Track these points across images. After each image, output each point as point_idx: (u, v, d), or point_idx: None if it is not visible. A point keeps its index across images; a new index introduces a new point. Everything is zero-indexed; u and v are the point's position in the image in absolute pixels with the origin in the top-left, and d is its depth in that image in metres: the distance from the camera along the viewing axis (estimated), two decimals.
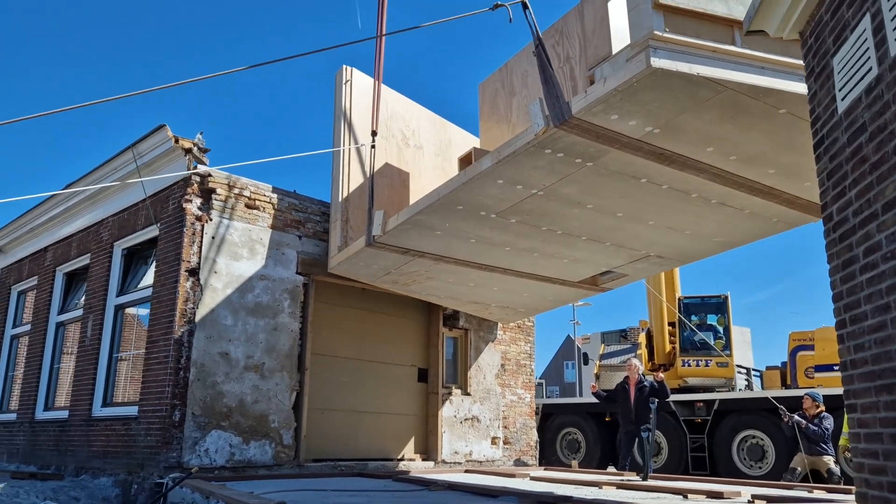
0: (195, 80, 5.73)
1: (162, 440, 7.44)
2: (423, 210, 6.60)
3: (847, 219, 3.59)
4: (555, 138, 5.19)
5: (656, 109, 4.80)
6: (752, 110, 4.83)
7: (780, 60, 4.65)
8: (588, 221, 6.68)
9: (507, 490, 6.25)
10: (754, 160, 5.47)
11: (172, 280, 7.89)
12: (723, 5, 4.61)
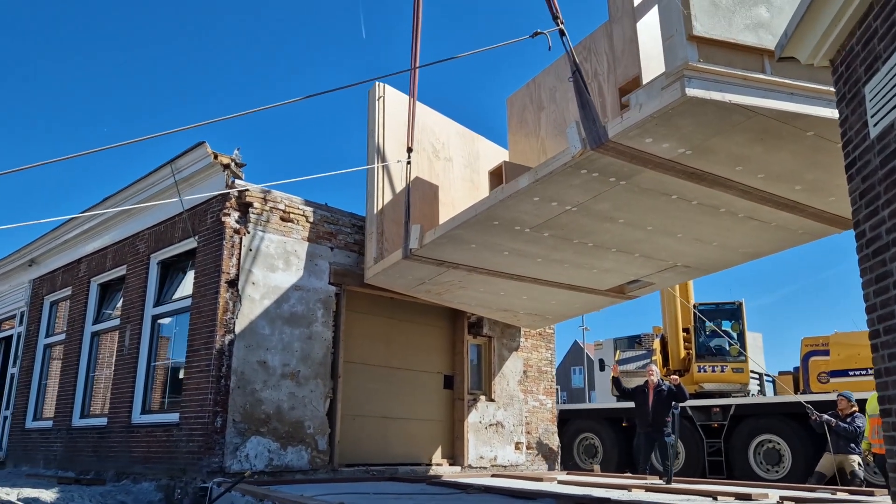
0: (239, 115, 6.01)
1: (204, 446, 7.71)
2: (459, 225, 6.88)
3: (880, 236, 3.85)
4: (591, 160, 5.46)
5: (689, 133, 5.07)
6: (781, 133, 5.09)
7: (807, 87, 4.90)
8: (618, 234, 6.95)
9: (543, 493, 6.50)
10: (781, 177, 5.74)
11: (212, 291, 8.17)
12: (753, 35, 4.87)
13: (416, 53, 7.82)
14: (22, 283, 13.08)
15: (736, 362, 14.71)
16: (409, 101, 8.28)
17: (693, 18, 4.63)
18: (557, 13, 5.92)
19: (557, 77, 7.50)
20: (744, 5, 4.87)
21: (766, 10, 4.93)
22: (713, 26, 4.69)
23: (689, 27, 4.64)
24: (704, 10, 4.68)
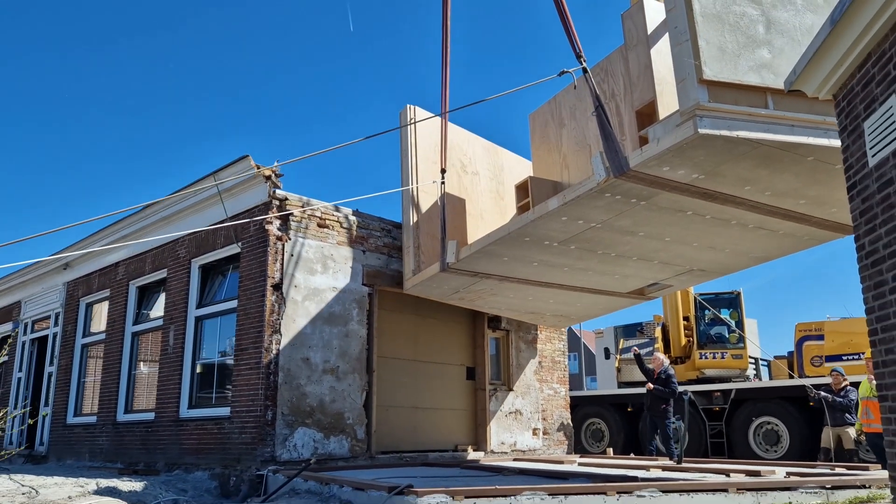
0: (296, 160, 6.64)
1: (257, 437, 8.39)
2: (494, 242, 7.61)
3: (878, 250, 4.55)
4: (614, 185, 6.15)
5: (701, 162, 5.74)
6: (784, 159, 5.77)
7: (806, 118, 5.55)
8: (638, 245, 7.65)
9: (574, 473, 7.22)
10: (786, 194, 6.43)
11: (259, 294, 8.82)
12: (756, 76, 5.50)
13: (447, 80, 8.49)
14: (55, 285, 13.64)
15: (735, 349, 15.50)
16: (441, 126, 8.94)
17: (703, 64, 5.24)
18: (580, 52, 6.57)
19: (577, 96, 8.16)
20: (748, 48, 5.49)
21: (767, 52, 5.56)
22: (721, 70, 5.31)
23: (699, 72, 5.25)
24: (713, 55, 5.30)
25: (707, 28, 5.30)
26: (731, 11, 5.46)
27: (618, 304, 10.32)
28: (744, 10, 5.51)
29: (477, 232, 9.34)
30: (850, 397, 10.27)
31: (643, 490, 5.61)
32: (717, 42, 5.34)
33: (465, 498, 5.18)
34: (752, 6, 5.55)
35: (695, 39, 5.23)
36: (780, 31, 5.65)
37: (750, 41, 5.52)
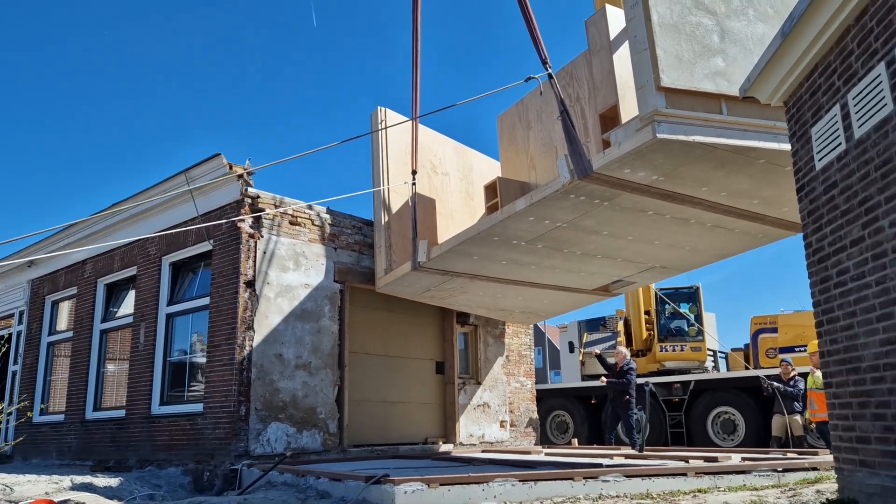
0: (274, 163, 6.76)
1: (231, 432, 8.50)
2: (463, 241, 7.84)
3: (823, 247, 4.91)
4: (578, 187, 6.44)
5: (660, 165, 6.05)
6: (737, 161, 6.10)
7: (758, 124, 5.89)
8: (603, 244, 7.96)
9: (541, 462, 7.51)
10: (741, 194, 6.79)
11: (231, 291, 8.91)
12: (711, 83, 5.79)
13: (417, 84, 8.68)
14: (19, 283, 13.49)
15: (694, 342, 16.03)
16: (412, 129, 9.13)
17: (661, 72, 5.53)
18: (546, 59, 6.84)
19: (543, 99, 8.42)
20: (703, 57, 5.79)
21: (722, 60, 5.88)
22: (678, 77, 5.60)
23: (657, 79, 5.54)
24: (670, 64, 5.59)
25: (665, 38, 5.59)
26: (688, 21, 5.77)
27: (584, 301, 10.65)
28: (699, 21, 5.82)
29: (447, 231, 9.56)
30: (798, 386, 10.85)
31: (608, 475, 5.91)
32: (674, 51, 5.63)
33: (441, 485, 5.41)
34: (707, 16, 5.87)
35: (653, 48, 5.52)
36: (733, 40, 5.97)
37: (705, 50, 5.83)
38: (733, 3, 6.01)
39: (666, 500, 5.44)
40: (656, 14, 5.58)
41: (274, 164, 7.45)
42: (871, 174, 4.21)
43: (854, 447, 4.63)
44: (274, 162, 7.08)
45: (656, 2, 5.59)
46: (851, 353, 4.57)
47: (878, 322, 4.21)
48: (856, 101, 4.36)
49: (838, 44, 4.56)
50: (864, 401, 4.44)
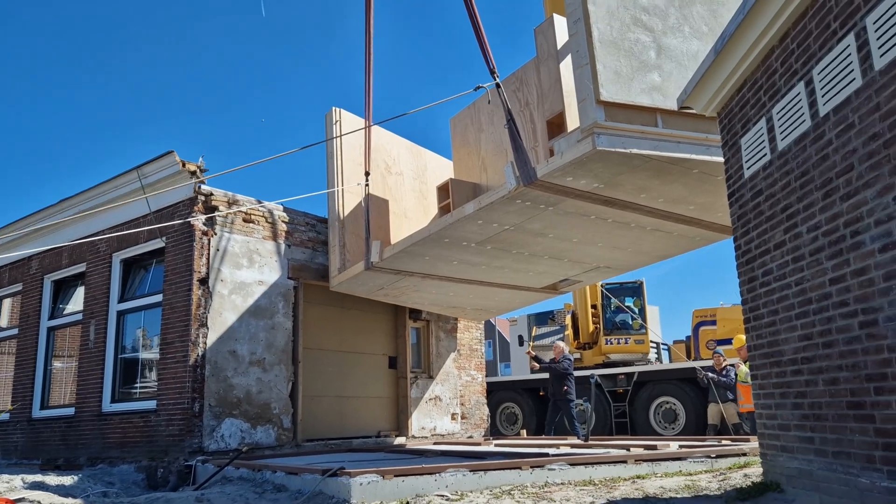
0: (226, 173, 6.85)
1: (185, 429, 8.56)
2: (415, 243, 8.07)
3: (751, 250, 5.30)
4: (524, 193, 6.73)
5: (600, 173, 6.36)
6: (673, 171, 6.46)
7: (691, 136, 6.23)
8: (549, 246, 8.28)
9: (491, 452, 7.80)
10: (678, 201, 7.18)
11: (185, 288, 8.95)
12: (648, 97, 6.11)
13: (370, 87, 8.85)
14: None
15: (638, 334, 16.60)
16: (366, 133, 9.29)
17: (600, 86, 5.82)
18: (494, 68, 7.11)
19: (495, 103, 8.71)
20: (641, 72, 6.10)
21: (658, 76, 6.21)
22: (616, 92, 5.89)
23: (597, 93, 5.83)
24: (609, 78, 5.88)
25: (604, 53, 5.89)
26: (627, 38, 6.08)
27: (534, 298, 11.00)
28: (637, 37, 6.15)
29: (401, 230, 9.77)
30: (730, 376, 11.49)
31: (553, 464, 6.23)
32: (614, 66, 5.94)
33: (395, 476, 5.63)
34: (645, 33, 6.20)
35: (593, 63, 5.81)
36: (669, 56, 6.32)
37: (643, 65, 6.15)
38: (670, 21, 6.35)
39: (607, 486, 5.78)
40: (597, 30, 5.88)
41: (232, 171, 7.54)
42: (792, 184, 4.59)
43: (776, 434, 5.03)
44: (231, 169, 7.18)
45: (597, 18, 5.88)
46: (774, 347, 4.96)
47: (796, 319, 4.61)
48: (779, 116, 4.74)
49: (764, 62, 4.93)
50: (784, 391, 4.84)
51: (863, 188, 3.79)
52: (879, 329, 3.70)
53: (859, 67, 3.79)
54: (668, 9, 6.30)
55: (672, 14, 6.32)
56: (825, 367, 4.27)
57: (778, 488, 4.97)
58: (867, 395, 3.84)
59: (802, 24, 4.37)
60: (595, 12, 5.91)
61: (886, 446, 3.68)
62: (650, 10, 6.21)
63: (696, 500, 4.95)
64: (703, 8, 6.52)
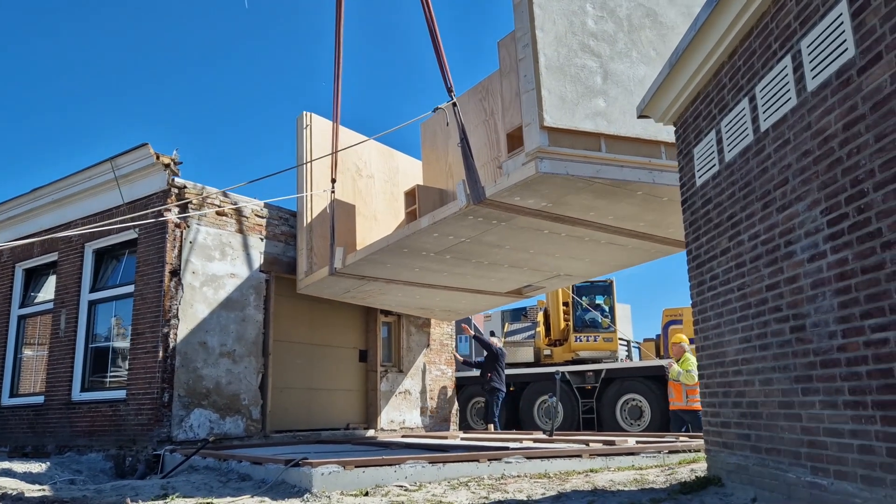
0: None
1: (154, 418, 8.68)
2: (376, 251, 8.28)
3: (700, 255, 5.54)
4: (475, 210, 6.93)
5: (547, 194, 6.54)
6: (618, 192, 6.63)
7: (633, 160, 6.38)
8: (507, 256, 8.49)
9: (454, 445, 8.01)
10: (627, 218, 7.36)
11: (156, 280, 9.04)
12: (591, 123, 6.26)
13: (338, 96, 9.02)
14: None
15: (606, 333, 16.91)
16: (333, 140, 9.43)
17: (545, 112, 5.98)
18: (451, 87, 7.29)
19: (463, 110, 8.88)
20: (586, 98, 6.25)
21: (603, 101, 6.35)
22: (560, 118, 6.04)
23: (541, 119, 5.99)
24: (554, 104, 6.03)
25: (550, 79, 6.05)
26: (573, 64, 6.24)
27: (500, 301, 11.25)
28: (585, 63, 6.30)
29: (371, 233, 9.93)
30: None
31: (510, 457, 6.45)
32: (559, 92, 6.09)
33: (356, 467, 5.81)
34: (592, 59, 6.35)
35: (539, 89, 5.96)
36: (615, 81, 6.47)
37: (588, 91, 6.28)
38: (618, 46, 6.51)
39: (560, 479, 6.01)
40: (544, 56, 6.03)
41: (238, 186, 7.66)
42: (736, 194, 4.83)
43: (719, 431, 5.29)
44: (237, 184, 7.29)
45: (545, 45, 6.04)
46: (718, 349, 5.21)
47: (738, 322, 4.85)
48: (727, 129, 4.98)
49: (715, 76, 5.16)
50: (726, 391, 5.09)
51: (795, 201, 4.03)
52: (807, 334, 3.95)
53: (794, 87, 4.03)
54: (616, 34, 6.47)
55: (621, 39, 6.49)
56: (761, 369, 4.51)
57: (719, 482, 5.22)
58: (796, 395, 4.09)
59: (748, 43, 4.60)
60: (543, 38, 6.07)
61: (810, 444, 3.93)
62: (599, 35, 6.37)
63: (641, 493, 5.19)
64: (653, 33, 6.70)
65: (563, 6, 6.19)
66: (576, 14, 6.25)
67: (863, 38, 3.38)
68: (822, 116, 3.73)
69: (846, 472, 3.59)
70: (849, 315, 3.53)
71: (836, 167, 3.62)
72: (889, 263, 3.21)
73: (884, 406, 3.27)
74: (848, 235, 3.52)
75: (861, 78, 3.39)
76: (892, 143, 3.16)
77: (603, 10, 6.39)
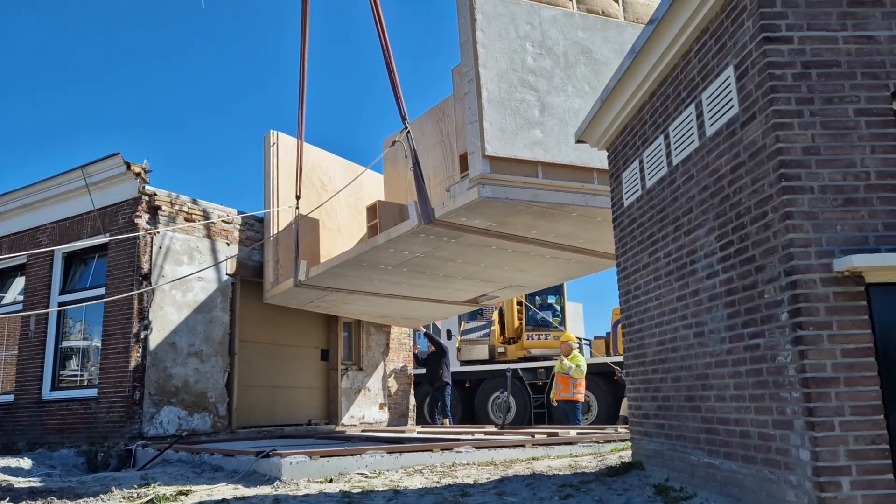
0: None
1: (125, 416, 9.14)
2: (336, 265, 8.92)
3: (626, 268, 6.30)
4: (426, 229, 7.62)
5: (490, 215, 7.24)
6: (555, 213, 7.35)
7: (568, 185, 7.10)
8: (460, 269, 9.20)
9: (411, 438, 8.67)
10: (567, 236, 8.10)
11: (127, 283, 9.49)
12: (529, 151, 6.93)
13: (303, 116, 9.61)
14: None
15: (557, 331, 17.76)
16: (297, 159, 10.00)
17: (486, 142, 6.66)
18: (405, 115, 7.94)
19: (421, 131, 9.52)
20: (524, 129, 6.93)
21: (540, 132, 7.04)
22: (501, 147, 6.72)
23: (483, 148, 6.68)
24: (495, 135, 6.70)
25: (492, 112, 6.73)
26: (514, 97, 6.93)
27: (458, 310, 12.01)
28: (524, 97, 7.00)
29: (335, 245, 10.54)
30: None
31: (461, 447, 7.14)
32: (500, 124, 6.77)
33: (321, 457, 6.42)
34: (531, 93, 7.05)
35: (481, 121, 6.64)
36: (552, 113, 7.17)
37: (527, 123, 6.97)
38: (555, 81, 7.23)
39: (505, 466, 6.73)
40: (486, 91, 6.72)
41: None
42: (654, 217, 5.58)
43: (641, 422, 6.06)
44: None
45: (487, 80, 6.73)
46: (641, 350, 5.98)
47: (656, 328, 5.61)
48: (647, 160, 5.73)
49: (639, 113, 5.91)
50: (647, 387, 5.86)
51: (697, 227, 4.79)
52: (705, 339, 4.71)
53: (697, 131, 4.78)
54: (553, 70, 7.19)
55: (557, 75, 7.22)
56: (672, 368, 5.28)
57: (640, 466, 5.99)
58: (697, 390, 4.85)
59: (664, 88, 5.35)
60: (485, 74, 6.76)
61: (707, 430, 4.70)
62: (537, 71, 7.08)
63: (573, 476, 5.92)
64: (587, 69, 7.43)
65: (504, 45, 6.87)
66: (516, 52, 6.94)
67: (744, 98, 4.13)
68: (716, 159, 4.49)
69: (731, 454, 4.36)
70: (734, 324, 4.29)
71: (725, 202, 4.38)
72: (760, 283, 3.97)
73: (756, 399, 4.03)
74: (733, 259, 4.29)
75: (743, 131, 4.15)
76: (763, 187, 3.92)
77: (541, 48, 7.10)
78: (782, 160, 3.75)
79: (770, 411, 3.87)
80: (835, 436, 3.46)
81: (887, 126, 3.79)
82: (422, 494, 5.31)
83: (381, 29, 7.85)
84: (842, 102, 3.81)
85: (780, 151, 3.76)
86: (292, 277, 9.85)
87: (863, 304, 3.60)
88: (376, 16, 7.87)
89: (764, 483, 3.93)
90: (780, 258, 3.74)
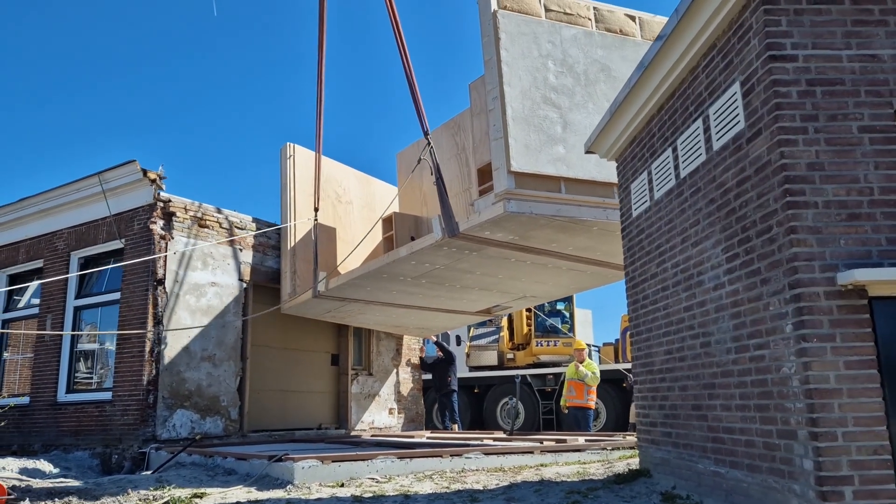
0: None
1: (140, 418, 9.28)
2: (357, 277, 9.05)
3: (635, 277, 6.38)
4: (449, 242, 7.74)
5: (513, 229, 7.37)
6: (576, 228, 7.47)
7: (589, 200, 7.24)
8: (478, 280, 9.31)
9: (420, 443, 8.76)
10: (585, 249, 8.21)
11: (143, 288, 9.64)
12: (553, 167, 7.07)
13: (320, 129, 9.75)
14: None
15: (566, 338, 17.82)
16: (315, 172, 10.14)
17: (512, 158, 6.80)
18: (427, 130, 8.04)
19: (437, 143, 9.62)
20: (548, 145, 7.06)
21: (563, 148, 7.17)
22: (525, 163, 6.86)
23: (508, 164, 6.81)
24: (520, 151, 6.84)
25: (517, 129, 6.86)
26: (537, 115, 7.05)
27: (471, 319, 12.13)
28: (547, 114, 7.13)
29: (350, 257, 10.68)
30: None
31: (470, 453, 7.23)
32: (524, 140, 6.91)
33: (332, 462, 6.52)
34: (553, 110, 7.17)
35: (506, 138, 6.78)
36: (574, 130, 7.29)
37: (550, 139, 7.10)
38: (576, 98, 7.35)
39: (513, 472, 6.81)
40: (511, 109, 6.85)
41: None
42: (662, 228, 5.67)
43: (648, 430, 6.13)
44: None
45: (511, 98, 6.86)
46: (649, 359, 6.06)
47: (663, 337, 5.70)
48: (656, 172, 5.82)
49: (647, 125, 6.00)
50: (654, 395, 5.94)
51: (704, 239, 4.88)
52: (712, 349, 4.79)
53: (704, 145, 4.87)
54: (574, 88, 7.32)
55: (578, 92, 7.34)
56: (680, 377, 5.36)
57: (648, 474, 6.06)
58: (704, 399, 4.93)
59: (672, 102, 5.45)
60: (510, 93, 6.89)
61: (714, 440, 4.78)
62: (559, 89, 7.21)
63: (581, 483, 6.00)
64: (607, 86, 7.55)
65: (527, 63, 7.00)
66: (539, 70, 7.07)
67: (750, 114, 4.22)
68: (723, 173, 4.58)
69: (737, 463, 4.43)
70: (739, 335, 4.37)
71: (732, 215, 4.47)
72: (765, 296, 4.05)
73: (761, 409, 4.11)
74: (739, 271, 4.37)
75: (748, 146, 4.24)
76: (768, 201, 4.01)
77: (563, 67, 7.23)
78: (787, 175, 3.83)
79: (774, 421, 3.95)
80: (838, 446, 3.53)
81: (890, 143, 3.87)
82: (431, 500, 5.41)
83: (403, 48, 7.95)
84: (846, 119, 3.90)
85: (784, 167, 3.84)
86: (311, 289, 9.98)
87: (866, 317, 3.67)
88: (397, 35, 7.96)
89: (769, 492, 4.01)
90: (785, 271, 3.82)
